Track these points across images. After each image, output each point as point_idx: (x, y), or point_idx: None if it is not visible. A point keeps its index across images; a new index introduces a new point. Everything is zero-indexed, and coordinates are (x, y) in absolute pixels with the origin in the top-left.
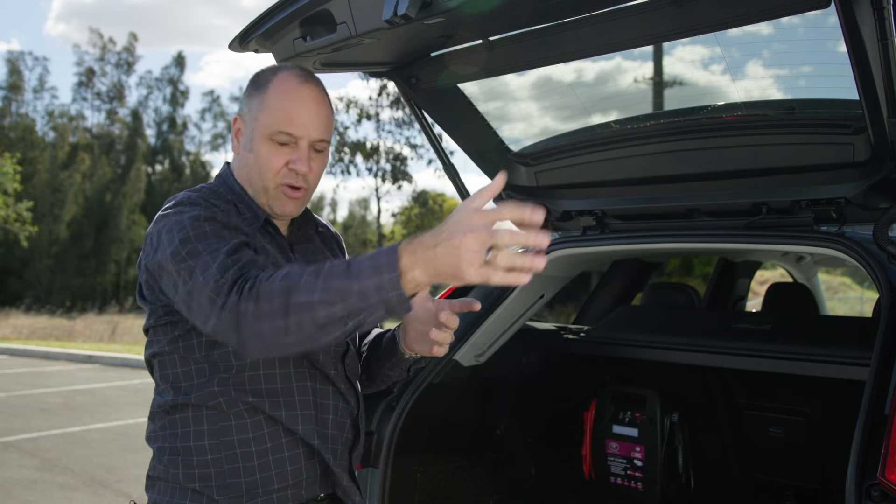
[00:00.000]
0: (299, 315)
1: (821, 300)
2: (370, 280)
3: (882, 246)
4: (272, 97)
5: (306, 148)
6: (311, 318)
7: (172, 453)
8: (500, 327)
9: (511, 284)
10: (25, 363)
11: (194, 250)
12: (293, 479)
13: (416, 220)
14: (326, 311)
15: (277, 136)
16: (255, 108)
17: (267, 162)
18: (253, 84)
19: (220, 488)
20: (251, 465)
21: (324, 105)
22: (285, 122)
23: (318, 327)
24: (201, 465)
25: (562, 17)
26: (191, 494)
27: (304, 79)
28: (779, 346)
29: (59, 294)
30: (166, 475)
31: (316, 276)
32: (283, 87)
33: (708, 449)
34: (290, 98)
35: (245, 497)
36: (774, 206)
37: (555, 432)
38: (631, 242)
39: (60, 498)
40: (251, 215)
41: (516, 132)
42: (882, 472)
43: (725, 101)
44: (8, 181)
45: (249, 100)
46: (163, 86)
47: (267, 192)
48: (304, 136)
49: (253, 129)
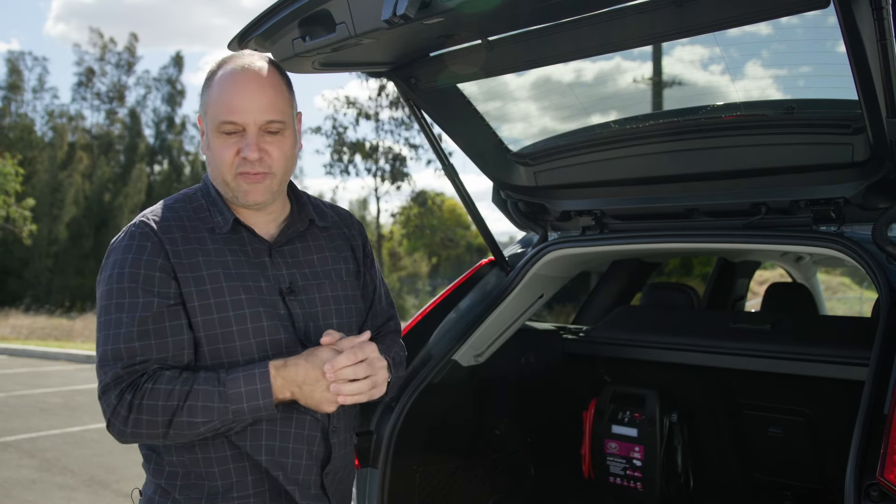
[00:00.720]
0: (180, 430)
1: (820, 300)
2: (248, 404)
3: (881, 246)
4: (215, 89)
5: (254, 133)
6: (190, 432)
7: (148, 449)
8: (499, 327)
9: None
10: (25, 363)
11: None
12: (254, 489)
13: (416, 220)
14: (206, 427)
15: (223, 128)
16: (205, 104)
17: (220, 155)
18: (205, 81)
19: (182, 488)
20: (212, 471)
21: (267, 86)
22: (225, 111)
23: (195, 434)
24: (170, 464)
25: (561, 17)
26: (160, 490)
27: (244, 64)
28: (778, 346)
29: (58, 294)
30: (146, 468)
31: (195, 399)
32: (223, 77)
33: (707, 449)
34: (229, 86)
35: (205, 500)
36: (773, 206)
37: (554, 432)
38: (630, 242)
39: (60, 498)
40: (222, 219)
41: (515, 132)
42: (881, 471)
43: (725, 101)
44: (9, 182)
45: (202, 97)
46: (161, 86)
47: (228, 186)
48: (248, 121)
49: (207, 126)
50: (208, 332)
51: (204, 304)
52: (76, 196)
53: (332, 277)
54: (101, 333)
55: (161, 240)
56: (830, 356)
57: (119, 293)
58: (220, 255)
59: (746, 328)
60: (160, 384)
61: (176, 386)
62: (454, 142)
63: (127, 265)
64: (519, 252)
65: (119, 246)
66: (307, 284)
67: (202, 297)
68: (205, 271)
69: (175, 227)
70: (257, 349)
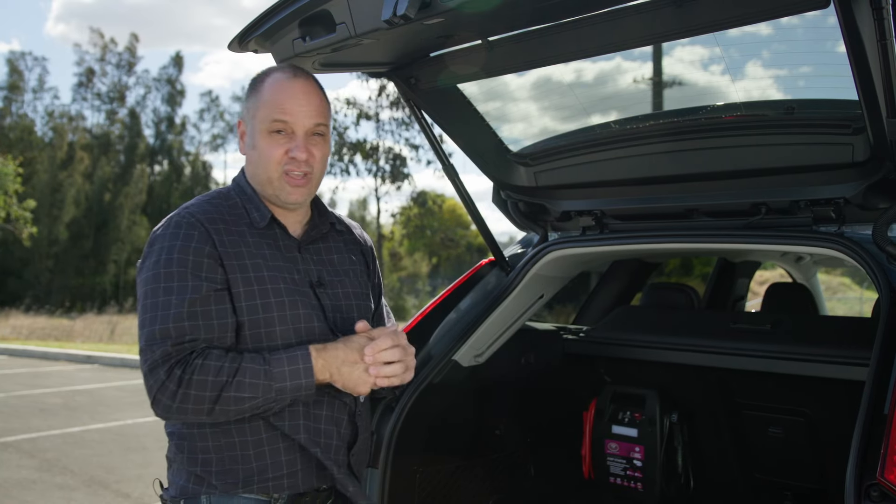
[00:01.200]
0: (225, 405)
1: (820, 300)
2: (291, 382)
3: (881, 246)
4: (265, 93)
5: (302, 135)
6: (236, 409)
7: (180, 438)
8: (499, 327)
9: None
10: (24, 363)
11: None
12: (287, 469)
13: (416, 220)
14: (250, 404)
15: (274, 126)
16: (253, 108)
17: (268, 153)
18: (250, 87)
19: (218, 474)
20: (247, 454)
21: (315, 94)
22: (279, 111)
23: (238, 412)
24: (204, 450)
25: (561, 17)
26: (194, 478)
27: (293, 73)
28: (778, 347)
29: (58, 294)
30: (176, 458)
31: (243, 375)
32: (275, 83)
33: (707, 449)
34: (281, 90)
35: (241, 484)
36: (774, 206)
37: (554, 432)
38: (630, 242)
39: (59, 498)
40: (258, 215)
41: (516, 132)
42: (881, 472)
43: (725, 101)
44: (9, 183)
45: (248, 102)
46: (161, 86)
47: (272, 183)
48: (298, 122)
49: (253, 127)
50: (251, 317)
51: (248, 291)
52: (76, 196)
53: (350, 276)
54: (147, 315)
55: (207, 230)
56: (830, 356)
57: (167, 277)
58: (258, 248)
59: (746, 328)
60: (210, 360)
61: (225, 363)
62: (454, 142)
63: (175, 251)
64: (519, 252)
65: (165, 234)
66: (332, 280)
67: (246, 283)
68: (248, 260)
69: (218, 219)
70: (294, 335)
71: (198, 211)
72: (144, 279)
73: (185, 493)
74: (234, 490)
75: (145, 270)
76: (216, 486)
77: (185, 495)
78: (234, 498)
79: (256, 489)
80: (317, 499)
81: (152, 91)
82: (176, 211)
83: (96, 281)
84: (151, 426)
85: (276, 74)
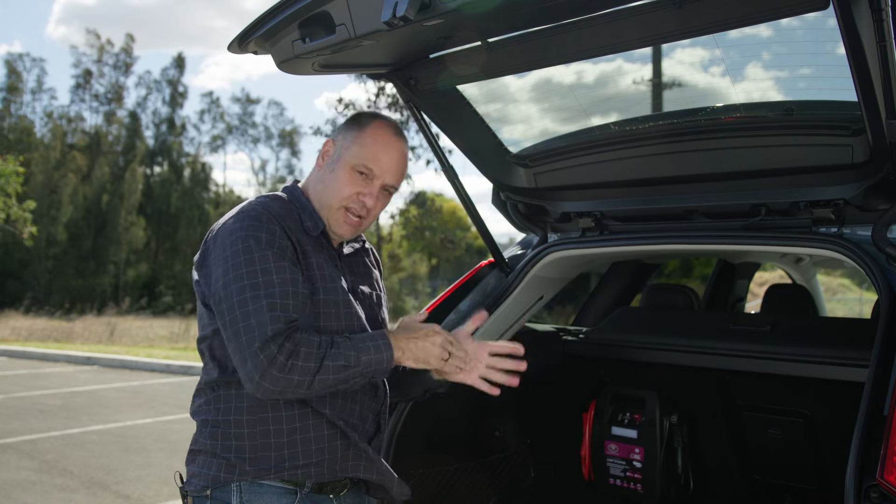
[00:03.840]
0: (325, 375)
1: (820, 301)
2: (375, 355)
3: (881, 247)
4: (368, 137)
5: (379, 186)
6: (333, 378)
7: (214, 426)
8: (499, 329)
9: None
10: (24, 365)
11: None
12: (316, 458)
13: (416, 220)
14: (344, 374)
15: (360, 168)
16: (350, 140)
17: (343, 186)
18: (354, 120)
19: (251, 460)
20: (281, 440)
21: (405, 160)
22: (372, 160)
23: (335, 382)
24: (238, 437)
25: (561, 18)
26: (225, 465)
27: (397, 132)
28: (777, 348)
29: (57, 295)
30: (205, 447)
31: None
32: (380, 133)
33: (707, 450)
34: (382, 143)
35: (273, 469)
36: (773, 207)
37: (554, 434)
38: (630, 244)
39: (59, 499)
40: (311, 224)
41: (515, 134)
42: (881, 473)
43: (725, 102)
44: (10, 184)
45: (347, 131)
46: (161, 87)
47: (330, 211)
48: (382, 176)
49: (341, 156)
50: (314, 310)
51: (315, 287)
52: (75, 197)
53: (374, 288)
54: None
55: (283, 226)
56: (830, 357)
57: (263, 259)
58: (315, 251)
59: (746, 329)
60: (307, 334)
61: (322, 337)
62: (454, 143)
63: (263, 240)
64: (519, 253)
65: (243, 225)
66: (363, 291)
67: (312, 280)
68: (313, 258)
69: (286, 217)
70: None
71: (271, 207)
72: (234, 264)
73: (216, 482)
74: (266, 476)
75: (230, 258)
76: (248, 472)
77: (216, 484)
78: (262, 486)
79: (287, 475)
80: (336, 488)
81: (153, 92)
82: (243, 206)
83: (96, 282)
84: (151, 428)
85: (384, 125)
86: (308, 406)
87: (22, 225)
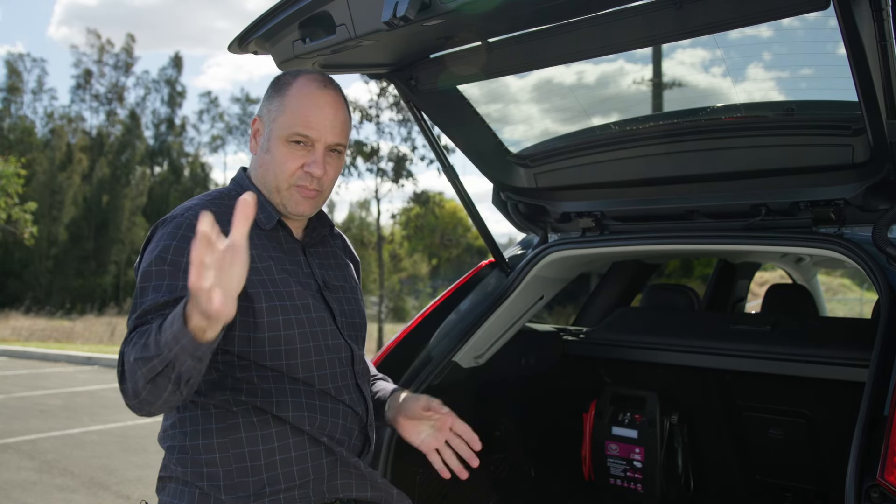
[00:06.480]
0: (134, 376)
1: (820, 301)
2: (168, 332)
3: (881, 247)
4: (291, 100)
5: (322, 151)
6: (142, 376)
7: (181, 452)
8: (499, 329)
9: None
10: (25, 365)
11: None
12: (300, 480)
13: (416, 220)
14: (148, 366)
15: (294, 138)
16: (275, 111)
17: (283, 163)
18: (273, 87)
19: (227, 487)
20: (258, 464)
21: (341, 110)
22: (303, 124)
23: (146, 382)
24: (210, 463)
25: (561, 18)
26: (199, 495)
27: (323, 83)
28: (778, 348)
29: (58, 296)
30: (175, 474)
31: (140, 336)
32: (303, 91)
33: (707, 450)
34: (308, 102)
35: (252, 497)
36: (774, 207)
37: (554, 433)
38: (630, 244)
39: (59, 500)
40: (264, 216)
41: (516, 134)
42: (881, 473)
43: (725, 102)
44: (11, 184)
45: (269, 102)
46: (160, 87)
47: (280, 193)
48: (321, 139)
49: (271, 131)
50: (270, 319)
51: (265, 293)
52: (75, 197)
53: (350, 281)
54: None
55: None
56: (830, 358)
57: (158, 275)
58: (266, 250)
59: (746, 330)
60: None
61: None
62: (454, 143)
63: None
64: (519, 254)
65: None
66: (335, 284)
67: (262, 286)
68: (259, 263)
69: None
70: (311, 338)
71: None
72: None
73: None
74: None
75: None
76: (224, 503)
77: None
78: None
79: (269, 502)
80: None
81: (152, 92)
82: (177, 210)
83: (96, 282)
84: (151, 428)
85: (306, 81)
86: (286, 423)
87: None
